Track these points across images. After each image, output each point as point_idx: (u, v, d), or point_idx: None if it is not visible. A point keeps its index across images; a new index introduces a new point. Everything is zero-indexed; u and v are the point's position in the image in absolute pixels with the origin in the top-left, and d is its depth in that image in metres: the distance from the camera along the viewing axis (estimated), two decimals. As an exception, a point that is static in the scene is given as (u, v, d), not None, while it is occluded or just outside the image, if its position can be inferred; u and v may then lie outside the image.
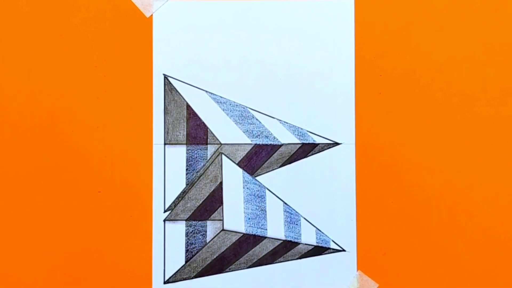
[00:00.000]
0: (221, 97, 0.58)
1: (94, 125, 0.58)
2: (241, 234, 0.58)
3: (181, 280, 0.58)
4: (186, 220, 0.58)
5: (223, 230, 0.58)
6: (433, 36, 0.58)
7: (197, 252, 0.58)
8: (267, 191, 0.58)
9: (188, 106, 0.58)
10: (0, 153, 0.58)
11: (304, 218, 0.58)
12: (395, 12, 0.58)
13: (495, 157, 0.58)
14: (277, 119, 0.58)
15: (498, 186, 0.58)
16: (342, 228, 0.58)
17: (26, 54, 0.58)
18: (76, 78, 0.58)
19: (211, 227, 0.58)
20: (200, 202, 0.58)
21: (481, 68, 0.58)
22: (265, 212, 0.58)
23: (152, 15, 0.58)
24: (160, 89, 0.58)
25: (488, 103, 0.58)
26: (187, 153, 0.58)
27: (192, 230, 0.58)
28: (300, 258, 0.58)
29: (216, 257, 0.58)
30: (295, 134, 0.58)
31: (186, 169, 0.58)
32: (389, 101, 0.58)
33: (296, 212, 0.58)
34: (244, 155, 0.58)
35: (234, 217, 0.58)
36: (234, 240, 0.58)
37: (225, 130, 0.58)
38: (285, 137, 0.58)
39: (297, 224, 0.58)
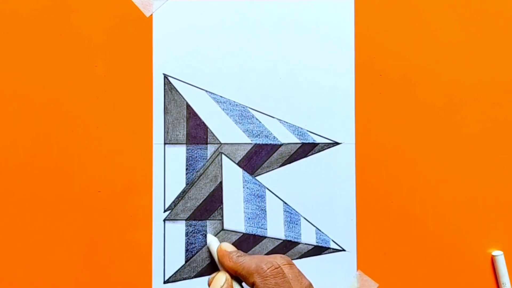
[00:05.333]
0: (221, 96, 0.58)
1: (94, 125, 0.58)
2: (241, 234, 0.58)
3: (181, 280, 0.58)
4: (186, 219, 0.58)
5: (223, 229, 0.58)
6: (433, 36, 0.58)
7: (197, 252, 0.58)
8: (267, 190, 0.58)
9: (188, 106, 0.58)
10: (0, 153, 0.58)
11: (304, 218, 0.58)
12: (395, 12, 0.58)
13: (495, 157, 0.58)
14: (277, 119, 0.58)
15: (498, 185, 0.58)
16: (342, 228, 0.58)
17: (26, 54, 0.58)
18: (76, 78, 0.58)
19: (211, 227, 0.58)
20: (200, 202, 0.58)
21: (481, 68, 0.58)
22: (265, 212, 0.58)
23: (152, 15, 0.58)
24: (160, 88, 0.58)
25: (488, 103, 0.58)
26: (187, 152, 0.58)
27: (192, 230, 0.58)
28: (300, 258, 0.58)
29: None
30: (295, 134, 0.58)
31: (186, 169, 0.58)
32: (389, 101, 0.58)
33: (296, 212, 0.58)
34: (244, 154, 0.58)
35: (234, 217, 0.58)
36: (234, 240, 0.58)
37: (225, 129, 0.58)
38: (285, 137, 0.58)
39: (297, 224, 0.58)
